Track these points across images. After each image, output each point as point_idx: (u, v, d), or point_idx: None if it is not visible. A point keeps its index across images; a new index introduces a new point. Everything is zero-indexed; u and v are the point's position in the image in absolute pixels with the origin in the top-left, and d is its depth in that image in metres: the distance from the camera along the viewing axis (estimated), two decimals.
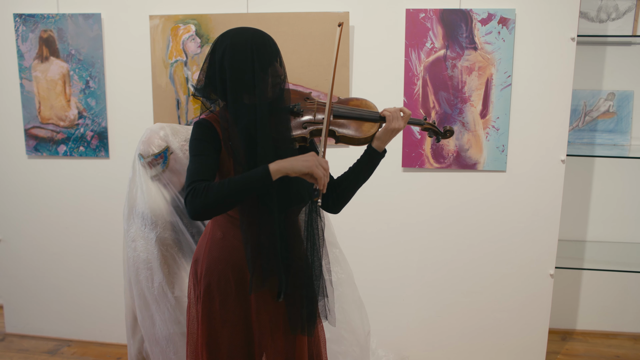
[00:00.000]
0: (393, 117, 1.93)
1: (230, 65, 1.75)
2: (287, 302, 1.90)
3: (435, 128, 2.05)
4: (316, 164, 1.71)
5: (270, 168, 1.69)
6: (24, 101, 3.36)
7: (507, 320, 3.11)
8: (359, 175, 1.98)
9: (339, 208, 2.04)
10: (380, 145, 1.95)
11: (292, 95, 1.94)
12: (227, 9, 3.05)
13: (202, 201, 1.68)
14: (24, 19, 3.26)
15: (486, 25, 2.85)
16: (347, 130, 1.92)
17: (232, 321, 1.91)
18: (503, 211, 3.03)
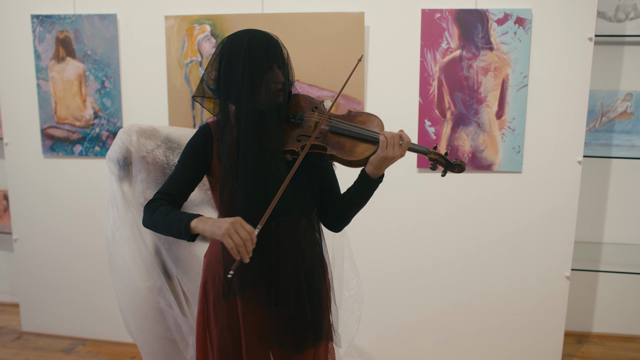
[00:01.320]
0: (388, 143, 1.70)
1: (224, 69, 1.71)
2: (271, 316, 1.81)
3: (442, 159, 1.80)
4: (229, 232, 1.55)
5: (191, 223, 1.64)
6: (40, 101, 3.39)
7: (522, 322, 3.09)
8: (353, 198, 1.84)
9: (338, 227, 1.93)
10: (374, 172, 1.75)
11: (302, 103, 1.84)
12: (242, 9, 3.06)
13: (146, 218, 1.75)
14: (41, 19, 3.28)
15: (502, 25, 2.83)
16: (339, 149, 1.74)
17: (222, 322, 1.87)
18: (518, 212, 3.01)
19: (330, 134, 1.77)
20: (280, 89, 1.73)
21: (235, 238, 1.54)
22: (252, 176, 1.71)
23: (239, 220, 1.57)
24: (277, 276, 1.79)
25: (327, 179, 1.90)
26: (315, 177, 1.87)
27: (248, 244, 1.55)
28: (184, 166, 1.80)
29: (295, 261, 1.81)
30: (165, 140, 2.38)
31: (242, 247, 1.54)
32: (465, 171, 2.99)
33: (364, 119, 1.82)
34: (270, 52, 1.70)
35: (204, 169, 1.82)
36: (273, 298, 1.79)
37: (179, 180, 1.80)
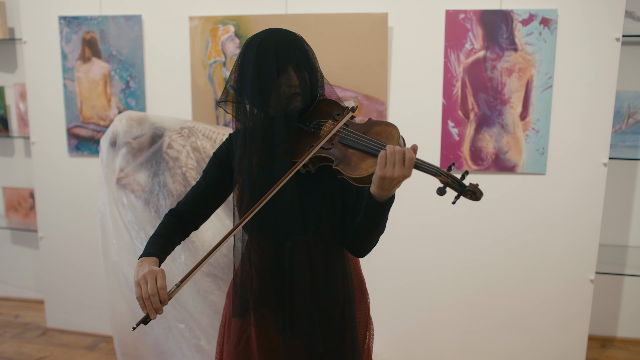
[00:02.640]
0: (388, 160, 1.42)
1: (239, 72, 1.60)
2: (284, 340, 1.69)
3: (455, 183, 1.47)
4: (140, 282, 1.47)
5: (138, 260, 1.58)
6: (66, 101, 3.43)
7: (545, 326, 3.06)
8: (364, 222, 1.59)
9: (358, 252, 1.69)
10: (378, 192, 1.47)
11: (326, 108, 1.65)
12: (266, 10, 3.07)
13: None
14: (68, 21, 3.33)
15: (527, 25, 2.81)
16: (345, 164, 1.51)
17: (233, 339, 1.77)
18: (542, 214, 2.98)
19: (341, 146, 1.54)
20: (295, 93, 1.57)
21: (144, 289, 1.46)
22: (259, 188, 1.57)
23: (156, 272, 1.48)
24: (290, 300, 1.66)
25: (349, 195, 1.67)
26: (336, 194, 1.66)
27: (155, 300, 1.45)
28: (204, 177, 1.73)
29: (307, 284, 1.65)
30: (153, 128, 2.44)
31: (147, 300, 1.45)
32: (488, 172, 2.97)
33: (381, 129, 1.56)
34: (281, 54, 1.53)
35: (227, 180, 1.72)
36: (288, 323, 1.67)
37: (197, 190, 1.73)
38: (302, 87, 1.58)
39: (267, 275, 1.67)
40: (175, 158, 2.48)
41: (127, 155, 2.49)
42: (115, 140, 2.53)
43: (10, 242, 4.10)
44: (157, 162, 2.50)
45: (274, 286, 1.68)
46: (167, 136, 2.50)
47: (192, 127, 2.59)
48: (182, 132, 2.55)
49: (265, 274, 1.68)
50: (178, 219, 1.73)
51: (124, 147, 2.49)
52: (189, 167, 2.49)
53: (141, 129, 2.51)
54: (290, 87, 1.56)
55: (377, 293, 3.20)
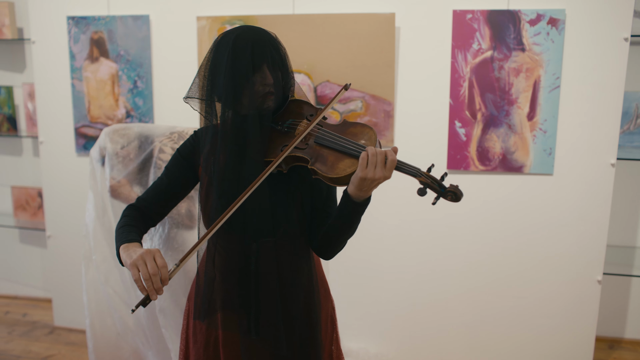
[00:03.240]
0: (369, 161, 1.43)
1: (210, 69, 1.56)
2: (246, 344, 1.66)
3: (435, 184, 1.50)
4: (137, 263, 1.41)
5: (120, 248, 1.52)
6: (74, 101, 3.45)
7: (552, 327, 3.05)
8: (337, 223, 1.59)
9: (325, 253, 1.68)
10: (356, 193, 1.48)
11: (298, 109, 1.64)
12: (273, 10, 3.08)
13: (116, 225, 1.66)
14: (77, 21, 3.34)
15: (535, 26, 2.80)
16: (321, 163, 1.51)
17: (200, 343, 1.74)
18: (549, 215, 2.97)
19: (316, 146, 1.54)
20: (269, 92, 1.55)
21: (142, 270, 1.40)
22: (228, 187, 1.54)
23: (154, 252, 1.44)
24: (256, 302, 1.62)
25: (319, 197, 1.66)
26: (306, 195, 1.65)
27: (156, 279, 1.40)
28: (166, 174, 1.69)
29: (274, 288, 1.63)
30: (139, 136, 2.51)
31: (147, 281, 1.40)
32: (495, 173, 2.97)
33: (357, 130, 1.56)
34: (257, 52, 1.51)
35: (189, 177, 1.69)
36: (253, 326, 1.63)
37: (159, 187, 1.69)
38: (276, 87, 1.56)
39: (232, 276, 1.62)
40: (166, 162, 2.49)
41: (119, 165, 2.53)
42: (104, 154, 2.59)
43: (19, 241, 4.12)
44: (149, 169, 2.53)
45: (240, 288, 1.63)
46: (157, 142, 2.51)
47: (182, 132, 2.61)
48: (172, 137, 2.56)
49: (230, 275, 1.63)
50: (141, 214, 1.68)
51: (114, 158, 2.53)
52: None
53: (127, 138, 2.55)
54: (264, 86, 1.54)
55: (383, 292, 3.20)
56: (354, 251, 3.19)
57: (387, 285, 3.19)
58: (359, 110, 3.04)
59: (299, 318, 1.68)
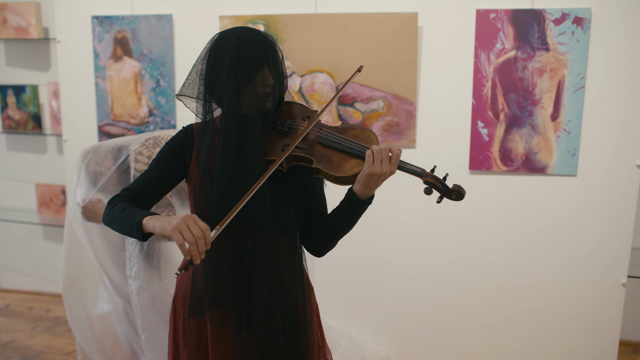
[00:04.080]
0: (375, 157, 1.53)
1: (210, 67, 1.58)
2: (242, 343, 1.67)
3: (439, 184, 1.60)
4: (180, 227, 1.40)
5: (143, 220, 1.50)
6: (98, 99, 3.49)
7: (575, 329, 3.02)
8: (338, 220, 1.65)
9: (320, 251, 1.74)
10: (362, 190, 1.57)
11: (292, 110, 1.69)
12: (295, 9, 3.08)
13: (105, 213, 1.61)
14: (101, 20, 3.38)
15: (559, 25, 2.77)
16: (325, 163, 1.57)
17: (191, 343, 1.74)
18: (573, 217, 2.94)
19: (319, 146, 1.60)
20: (269, 93, 1.58)
21: (187, 234, 1.40)
22: (228, 185, 1.56)
23: (194, 216, 1.43)
24: (250, 299, 1.63)
25: (313, 196, 1.73)
26: (300, 194, 1.70)
27: (200, 243, 1.40)
28: (156, 166, 1.67)
29: (271, 285, 1.65)
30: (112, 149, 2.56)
31: (193, 245, 1.40)
32: (518, 173, 2.94)
33: (358, 132, 1.65)
34: (260, 52, 1.55)
35: (178, 172, 1.68)
36: (244, 323, 1.64)
37: (149, 179, 1.66)
38: (275, 88, 1.59)
39: (227, 273, 1.63)
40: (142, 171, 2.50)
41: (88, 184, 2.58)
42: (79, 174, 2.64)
43: (42, 238, 4.18)
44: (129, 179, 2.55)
45: (233, 284, 1.64)
46: (131, 151, 2.52)
47: (157, 137, 2.62)
48: (147, 144, 2.57)
49: (225, 272, 1.63)
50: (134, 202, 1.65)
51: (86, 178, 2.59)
52: None
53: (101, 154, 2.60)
54: (264, 87, 1.57)
55: (403, 292, 3.19)
56: (378, 250, 3.19)
57: (407, 286, 3.18)
58: (381, 110, 3.03)
59: (294, 313, 1.71)
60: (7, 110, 3.97)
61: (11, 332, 3.62)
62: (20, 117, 3.96)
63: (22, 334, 3.60)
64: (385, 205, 3.10)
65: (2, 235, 4.24)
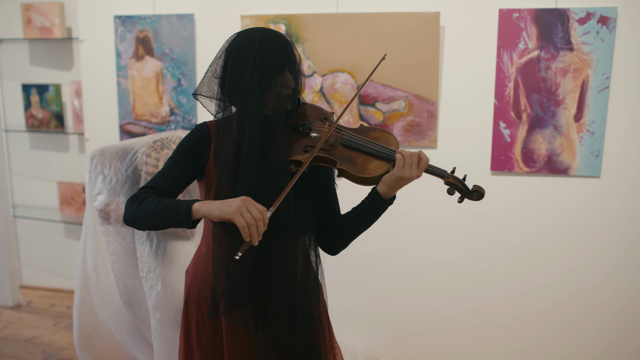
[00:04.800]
0: (405, 162, 1.59)
1: (232, 67, 1.58)
2: (259, 340, 1.69)
3: (460, 184, 1.68)
4: (240, 210, 1.42)
5: (193, 206, 1.50)
6: (119, 98, 3.52)
7: (598, 333, 2.98)
8: (359, 219, 1.69)
9: (335, 249, 1.77)
10: (386, 191, 1.62)
11: (309, 111, 1.72)
12: (317, 9, 3.08)
13: (131, 212, 1.59)
14: (123, 20, 3.40)
15: (584, 24, 2.74)
16: (350, 164, 1.61)
17: (206, 344, 1.75)
18: (596, 218, 2.91)
19: (342, 148, 1.65)
20: (289, 94, 1.60)
21: (247, 216, 1.42)
22: (252, 185, 1.57)
23: (250, 198, 1.45)
24: (266, 297, 1.65)
25: (329, 196, 1.77)
26: (317, 193, 1.74)
27: (260, 224, 1.43)
28: (175, 163, 1.66)
29: (290, 283, 1.67)
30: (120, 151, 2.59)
31: (253, 226, 1.42)
32: (540, 175, 2.92)
33: (378, 134, 1.70)
34: (284, 54, 1.57)
35: (195, 170, 1.68)
36: (261, 322, 1.66)
37: (169, 176, 1.65)
38: (294, 89, 1.62)
39: (245, 273, 1.64)
40: (151, 173, 2.52)
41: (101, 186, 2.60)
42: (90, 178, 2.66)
43: (64, 235, 4.22)
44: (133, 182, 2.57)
45: (252, 284, 1.65)
46: (139, 153, 2.54)
47: (165, 138, 2.65)
48: (155, 146, 2.59)
49: (243, 271, 1.64)
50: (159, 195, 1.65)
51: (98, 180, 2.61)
52: None
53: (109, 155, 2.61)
54: (286, 88, 1.59)
55: (421, 293, 3.18)
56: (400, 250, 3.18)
57: (428, 287, 3.16)
58: (402, 110, 3.02)
59: (309, 310, 1.73)
60: (31, 109, 4.02)
61: (33, 329, 3.66)
62: (44, 116, 4.01)
63: (44, 331, 3.64)
64: (406, 205, 3.09)
65: (25, 232, 4.29)
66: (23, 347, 3.43)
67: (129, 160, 2.57)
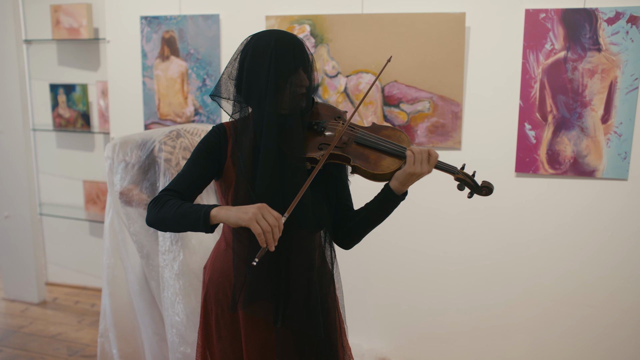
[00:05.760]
0: (416, 159, 1.65)
1: (248, 68, 1.62)
2: (279, 332, 1.74)
3: (469, 180, 1.74)
4: (256, 217, 1.47)
5: (212, 211, 1.55)
6: (145, 98, 3.55)
7: (624, 338, 2.94)
8: (372, 214, 1.76)
9: (348, 244, 1.83)
10: (398, 187, 1.69)
11: (322, 110, 1.78)
12: (342, 9, 3.09)
13: (152, 214, 1.64)
14: (149, 20, 3.44)
15: (613, 24, 2.71)
16: (363, 161, 1.68)
17: (225, 338, 1.80)
18: (623, 221, 2.87)
19: (355, 145, 1.71)
20: (304, 93, 1.66)
21: (263, 223, 1.47)
22: (270, 182, 1.62)
23: (266, 205, 1.50)
24: (286, 290, 1.71)
25: (342, 192, 1.83)
26: (331, 189, 1.79)
27: (275, 231, 1.48)
28: (194, 164, 1.71)
29: (308, 276, 1.73)
30: (140, 141, 2.69)
31: (269, 233, 1.47)
32: (566, 177, 2.89)
33: (390, 133, 1.76)
34: (298, 54, 1.62)
35: (214, 170, 1.73)
36: (281, 314, 1.71)
37: (188, 178, 1.71)
38: (308, 89, 1.67)
39: (265, 267, 1.67)
40: (167, 160, 2.61)
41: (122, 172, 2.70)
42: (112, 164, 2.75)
43: (89, 234, 4.27)
44: (151, 169, 2.68)
45: (272, 278, 1.70)
46: (156, 142, 2.65)
47: (180, 129, 2.75)
48: (171, 135, 2.69)
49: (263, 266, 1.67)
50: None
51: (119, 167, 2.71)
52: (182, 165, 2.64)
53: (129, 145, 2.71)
54: (300, 87, 1.64)
55: (444, 295, 3.16)
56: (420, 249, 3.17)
57: (451, 290, 3.15)
58: (427, 111, 3.01)
59: (325, 302, 1.79)
60: (58, 108, 4.08)
61: (58, 325, 3.71)
62: (70, 116, 4.06)
63: (69, 327, 3.69)
64: (427, 205, 3.09)
65: (51, 230, 4.36)
66: (48, 343, 3.48)
67: (148, 148, 2.68)
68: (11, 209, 4.05)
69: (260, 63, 1.60)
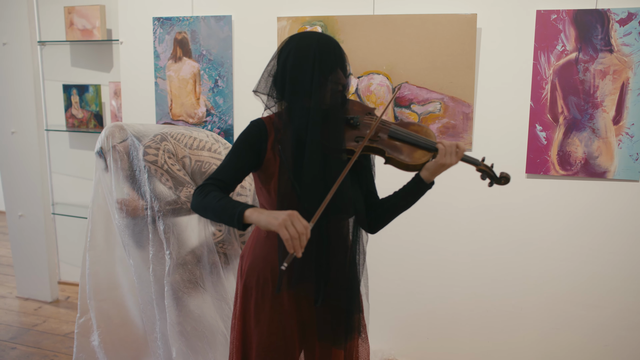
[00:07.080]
0: (447, 151, 1.83)
1: (292, 66, 1.74)
2: (319, 311, 1.87)
3: (490, 171, 1.92)
4: (286, 224, 1.56)
5: (245, 212, 1.65)
6: (157, 99, 3.58)
7: (633, 340, 2.93)
8: (402, 201, 1.91)
9: (376, 229, 1.98)
10: (428, 177, 1.86)
11: (354, 107, 1.91)
12: (353, 10, 3.10)
13: (197, 201, 1.76)
14: (162, 22, 3.47)
15: (625, 25, 2.71)
16: (398, 153, 1.85)
17: (264, 321, 1.90)
18: (634, 223, 2.86)
19: (389, 139, 1.87)
20: (341, 90, 1.79)
21: (292, 230, 1.55)
22: (317, 172, 1.74)
23: (296, 213, 1.59)
24: (327, 272, 1.83)
25: (370, 181, 1.98)
26: (362, 178, 1.93)
27: (303, 238, 1.56)
28: (236, 155, 1.82)
29: (345, 258, 1.87)
30: (133, 135, 2.71)
31: (297, 240, 1.55)
32: (577, 178, 2.89)
33: (417, 128, 1.93)
34: (337, 54, 1.76)
35: (254, 162, 1.83)
36: (321, 293, 1.84)
37: (231, 168, 1.82)
38: (344, 87, 1.81)
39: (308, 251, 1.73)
40: (154, 161, 2.66)
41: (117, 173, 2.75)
42: (102, 147, 2.78)
43: None
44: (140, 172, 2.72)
45: (314, 261, 1.81)
46: (141, 146, 2.69)
47: (164, 133, 2.76)
48: (155, 139, 2.72)
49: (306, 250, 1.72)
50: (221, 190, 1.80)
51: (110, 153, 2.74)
52: (169, 164, 2.69)
53: (124, 133, 2.75)
54: (337, 85, 1.77)
55: (454, 295, 3.16)
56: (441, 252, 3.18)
57: (462, 290, 3.15)
58: (438, 112, 3.02)
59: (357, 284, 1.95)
60: (71, 109, 4.12)
61: (71, 324, 3.74)
62: (83, 116, 4.10)
63: None
64: (437, 206, 3.10)
65: (63, 229, 4.39)
66: (61, 342, 3.51)
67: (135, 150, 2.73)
68: (25, 208, 4.10)
69: (305, 61, 1.72)
